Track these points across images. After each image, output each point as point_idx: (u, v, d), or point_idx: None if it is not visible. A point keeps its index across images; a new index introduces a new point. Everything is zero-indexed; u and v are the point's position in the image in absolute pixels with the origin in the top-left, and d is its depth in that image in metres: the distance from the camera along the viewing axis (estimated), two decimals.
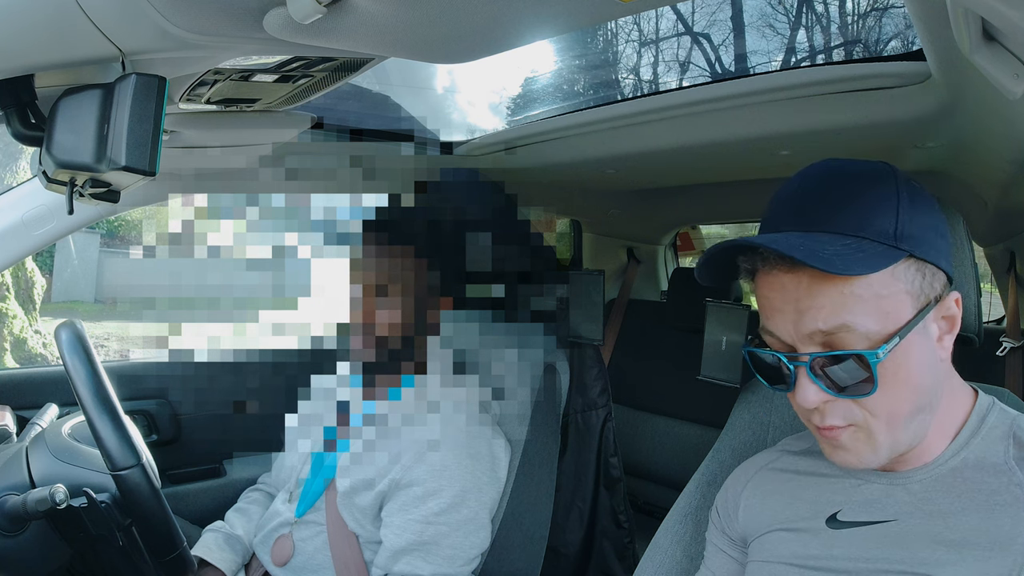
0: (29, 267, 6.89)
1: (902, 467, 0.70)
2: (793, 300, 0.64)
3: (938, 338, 0.66)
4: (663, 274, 2.69)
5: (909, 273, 0.64)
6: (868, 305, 0.62)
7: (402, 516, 1.15)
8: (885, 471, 0.71)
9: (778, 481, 0.80)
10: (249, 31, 0.65)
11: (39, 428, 1.14)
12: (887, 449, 0.66)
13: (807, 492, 0.76)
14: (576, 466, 1.42)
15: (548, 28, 0.71)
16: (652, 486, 2.14)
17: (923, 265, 0.64)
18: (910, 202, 0.65)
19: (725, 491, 0.88)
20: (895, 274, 0.63)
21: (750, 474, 0.85)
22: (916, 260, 0.64)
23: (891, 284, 0.63)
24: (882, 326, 0.62)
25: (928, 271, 0.64)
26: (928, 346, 0.65)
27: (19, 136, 0.74)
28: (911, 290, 0.64)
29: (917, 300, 0.64)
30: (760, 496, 0.81)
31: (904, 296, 0.63)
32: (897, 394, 0.64)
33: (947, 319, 0.66)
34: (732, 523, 0.85)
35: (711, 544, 0.89)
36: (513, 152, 1.49)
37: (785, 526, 0.76)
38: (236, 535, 1.30)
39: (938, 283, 0.65)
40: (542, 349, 1.43)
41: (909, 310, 0.63)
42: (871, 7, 1.62)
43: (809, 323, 0.64)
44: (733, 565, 0.85)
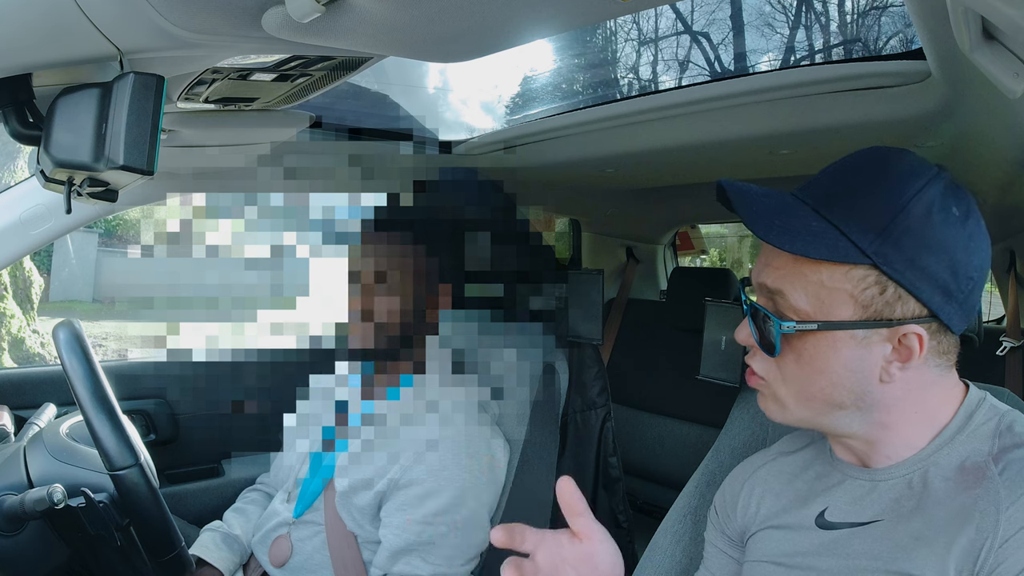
0: (27, 266, 6.88)
1: (882, 463, 0.70)
2: (766, 252, 0.70)
3: (886, 360, 0.65)
4: (662, 273, 2.69)
5: (864, 282, 0.64)
6: (809, 286, 0.66)
7: (401, 516, 1.15)
8: (866, 467, 0.71)
9: (772, 480, 0.82)
10: (247, 30, 0.65)
11: (37, 428, 1.14)
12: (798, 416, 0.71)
13: (797, 490, 0.78)
14: (575, 466, 1.42)
15: (547, 27, 0.71)
16: (651, 486, 2.14)
17: (887, 283, 0.64)
18: (922, 223, 0.63)
19: (723, 491, 0.88)
20: (849, 275, 0.64)
21: (747, 474, 0.85)
22: (880, 274, 0.63)
23: (840, 280, 0.64)
24: (812, 309, 0.66)
25: (892, 292, 0.64)
26: (863, 357, 0.65)
27: (17, 135, 0.73)
28: (858, 297, 0.64)
29: (861, 309, 0.64)
30: (756, 496, 0.82)
31: (847, 298, 0.64)
32: (806, 376, 0.68)
33: (898, 349, 0.65)
34: (730, 522, 0.85)
35: (710, 544, 0.89)
36: (512, 151, 1.49)
37: (775, 524, 0.77)
38: (234, 535, 1.29)
39: (901, 308, 0.64)
40: (541, 349, 1.43)
41: (846, 312, 0.65)
42: (870, 6, 1.62)
43: (762, 275, 0.70)
44: (732, 565, 0.85)
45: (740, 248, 12.91)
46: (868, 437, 0.69)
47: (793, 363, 0.68)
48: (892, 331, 0.64)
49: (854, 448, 0.72)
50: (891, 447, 0.69)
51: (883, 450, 0.69)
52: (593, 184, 1.94)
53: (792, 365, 0.68)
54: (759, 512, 0.80)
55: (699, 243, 2.98)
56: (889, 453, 0.69)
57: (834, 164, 0.71)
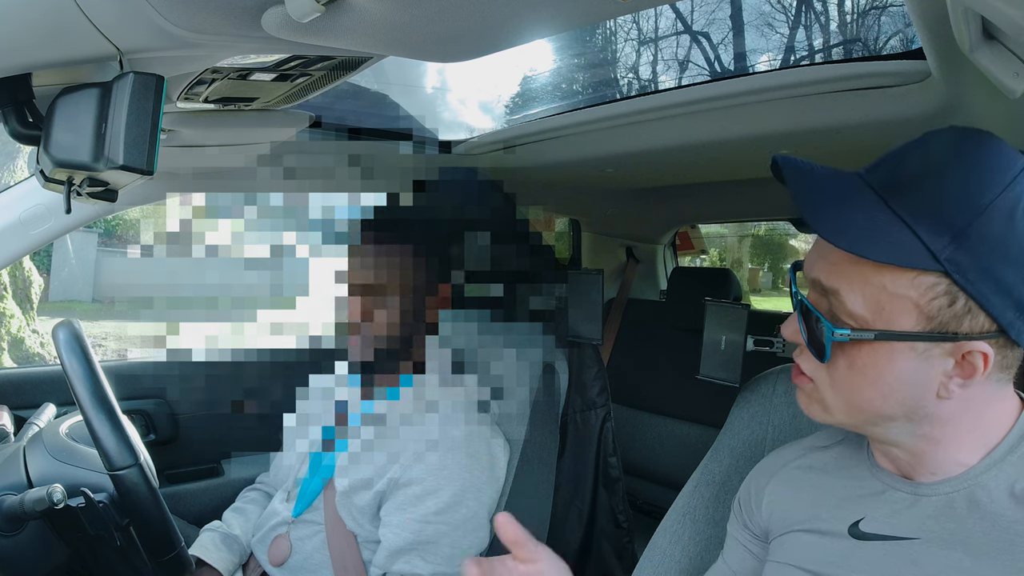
0: (26, 266, 6.87)
1: (927, 478, 0.64)
2: (822, 244, 0.63)
3: (946, 375, 0.59)
4: (662, 273, 2.69)
5: (932, 291, 0.57)
6: (869, 289, 0.59)
7: (400, 515, 1.15)
8: (909, 479, 0.66)
9: (804, 479, 0.76)
10: (247, 30, 0.65)
11: (37, 428, 1.14)
12: (841, 420, 0.65)
13: (832, 494, 0.72)
14: (575, 466, 1.42)
15: (547, 27, 0.71)
16: (651, 486, 2.14)
17: (958, 294, 0.56)
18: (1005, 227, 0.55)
19: (748, 484, 0.84)
20: (915, 282, 0.57)
21: (775, 468, 0.81)
22: (951, 283, 0.56)
23: (905, 287, 0.57)
24: (871, 316, 0.59)
25: (963, 305, 0.57)
26: (921, 370, 0.59)
27: (16, 135, 0.73)
28: (923, 307, 0.57)
29: (926, 320, 0.57)
30: (785, 493, 0.77)
31: (911, 307, 0.57)
32: (856, 385, 0.62)
33: (960, 365, 0.58)
34: (755, 517, 0.81)
35: (731, 538, 0.85)
36: (512, 151, 1.49)
37: (807, 527, 0.73)
38: (233, 535, 1.29)
39: (969, 323, 0.57)
40: (541, 349, 1.43)
41: (908, 323, 0.58)
42: (870, 5, 1.62)
43: (817, 270, 0.63)
44: (753, 562, 0.82)
45: (740, 248, 12.92)
46: (915, 449, 0.64)
47: (844, 369, 0.62)
48: (956, 346, 0.57)
49: (898, 458, 0.67)
50: (938, 463, 0.63)
51: (929, 465, 0.64)
52: (593, 184, 1.94)
53: (843, 372, 0.62)
54: (789, 513, 0.76)
55: (699, 243, 2.98)
56: (935, 469, 0.64)
57: (908, 144, 0.62)
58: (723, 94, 1.06)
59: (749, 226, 11.36)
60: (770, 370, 1.04)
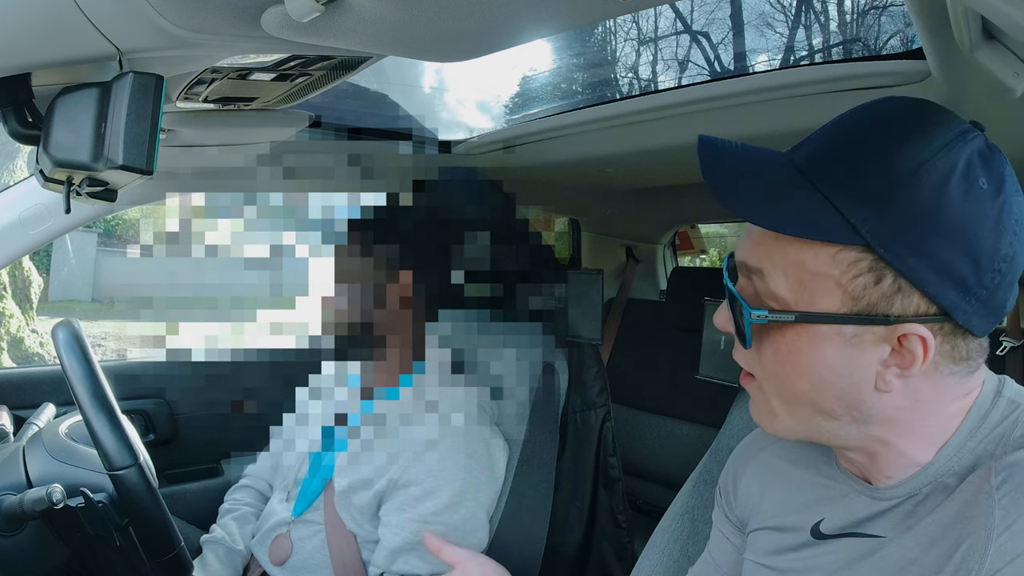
0: (26, 266, 6.87)
1: (883, 482, 0.60)
2: (749, 226, 0.59)
3: (882, 365, 0.53)
4: (662, 273, 2.69)
5: (855, 267, 0.52)
6: (791, 268, 0.54)
7: (399, 515, 1.15)
8: (867, 482, 0.62)
9: (776, 471, 0.73)
10: (247, 29, 0.65)
11: (36, 428, 1.14)
12: (788, 425, 0.60)
13: (799, 492, 0.69)
14: (575, 466, 1.42)
15: (547, 26, 0.71)
16: (651, 486, 2.14)
17: (885, 271, 0.51)
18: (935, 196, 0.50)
19: (726, 472, 0.81)
20: (837, 258, 0.52)
21: (751, 454, 0.78)
22: (876, 259, 0.51)
23: (826, 264, 0.53)
24: (792, 296, 0.54)
25: (891, 282, 0.52)
26: (852, 359, 0.54)
27: (16, 135, 0.73)
28: (846, 285, 0.52)
29: (851, 301, 0.53)
30: (758, 485, 0.75)
31: (833, 286, 0.53)
32: (785, 374, 0.57)
33: (898, 352, 0.53)
34: (733, 506, 0.79)
35: (715, 527, 0.82)
36: (512, 151, 1.49)
37: (773, 525, 0.71)
38: (237, 549, 1.28)
39: (901, 303, 0.52)
40: (540, 348, 1.43)
41: (832, 304, 0.53)
42: (870, 5, 1.62)
43: (743, 252, 0.59)
44: (733, 553, 0.79)
45: None
46: (867, 451, 0.60)
47: (772, 358, 0.58)
48: (889, 330, 0.52)
49: (855, 461, 0.63)
50: (892, 465, 0.59)
51: (884, 468, 0.59)
52: (593, 184, 1.94)
53: (771, 361, 0.58)
54: (761, 506, 0.74)
55: (699, 243, 2.98)
56: (890, 472, 0.59)
57: (838, 116, 0.57)
58: (723, 94, 1.06)
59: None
60: None
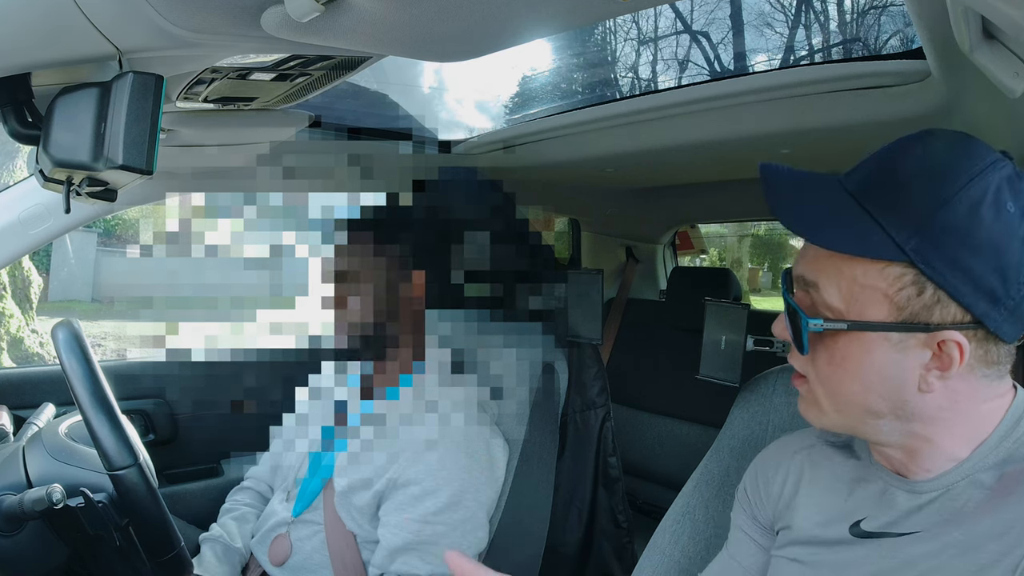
0: (26, 266, 6.87)
1: (922, 475, 0.65)
2: (805, 243, 0.66)
3: (924, 368, 0.60)
4: (662, 273, 2.69)
5: (900, 281, 0.59)
6: (843, 281, 0.62)
7: (399, 515, 1.15)
8: (905, 477, 0.67)
9: (810, 474, 0.77)
10: (246, 29, 0.65)
11: (36, 428, 1.13)
12: (835, 421, 0.67)
13: (835, 492, 0.73)
14: (575, 466, 1.42)
15: (547, 26, 0.71)
16: (651, 486, 2.14)
17: (926, 284, 0.58)
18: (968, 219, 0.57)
19: (755, 471, 0.83)
20: (884, 273, 0.60)
21: (785, 456, 0.81)
22: (917, 274, 0.58)
23: (874, 278, 0.60)
24: (844, 307, 0.62)
25: (931, 294, 0.59)
26: (898, 363, 0.60)
27: (16, 135, 0.73)
28: (893, 297, 0.60)
29: (896, 311, 0.60)
30: (792, 485, 0.78)
31: (881, 297, 0.60)
32: (838, 379, 0.64)
33: (937, 357, 0.59)
34: (763, 506, 0.81)
35: (737, 528, 0.85)
36: (512, 151, 1.49)
37: (809, 522, 0.74)
38: (235, 547, 1.29)
39: (940, 313, 0.59)
40: (540, 348, 1.43)
41: (880, 313, 0.60)
42: (870, 5, 1.62)
43: (800, 267, 0.66)
44: (760, 554, 0.81)
45: (740, 248, 12.92)
46: (907, 447, 0.65)
47: (825, 364, 0.65)
48: (930, 336, 0.59)
49: (892, 457, 0.68)
50: (931, 460, 0.64)
51: (923, 463, 0.65)
52: (593, 184, 1.94)
53: (825, 366, 0.65)
54: (793, 507, 0.76)
55: (699, 243, 2.97)
56: (929, 466, 0.65)
57: (885, 147, 0.65)
58: (723, 94, 1.06)
59: (749, 226, 11.35)
60: (770, 370, 1.04)
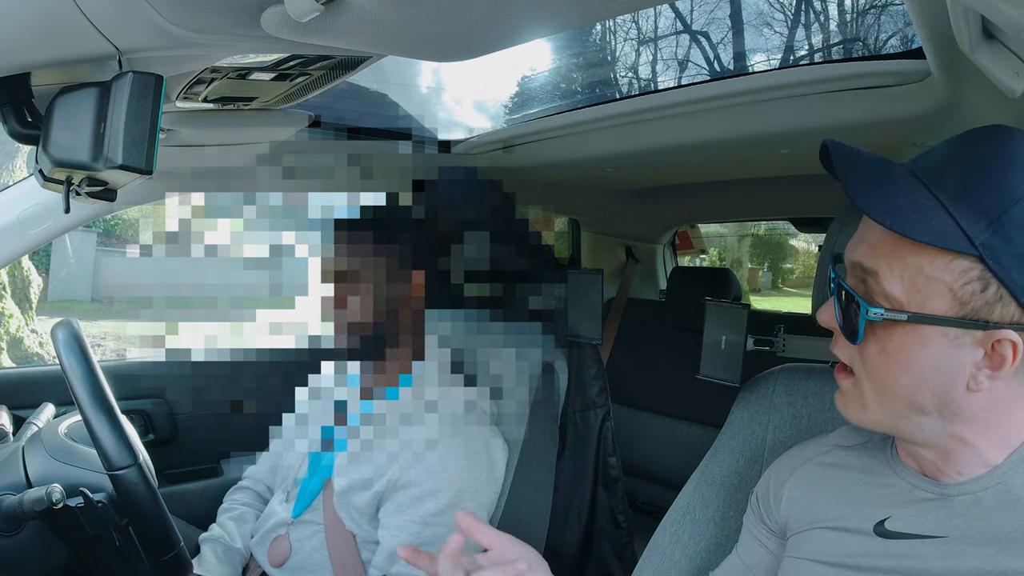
0: (25, 266, 6.87)
1: (953, 478, 0.65)
2: (863, 227, 0.65)
3: (975, 366, 0.59)
4: (662, 273, 2.69)
5: (967, 275, 0.57)
6: (907, 271, 0.60)
7: (399, 517, 1.15)
8: (934, 479, 0.66)
9: (826, 476, 0.76)
10: (246, 29, 0.65)
11: (35, 428, 1.14)
12: (877, 418, 0.65)
13: (856, 492, 0.72)
14: (574, 466, 1.42)
15: (547, 26, 0.71)
16: (651, 486, 2.14)
17: (991, 280, 0.57)
18: None
19: (768, 478, 0.84)
20: (951, 265, 0.57)
21: (796, 464, 0.81)
22: (984, 269, 0.57)
23: (941, 270, 0.58)
24: (906, 298, 0.60)
25: (995, 291, 0.57)
26: (952, 358, 0.59)
27: (15, 134, 0.73)
28: (957, 291, 0.58)
29: (959, 306, 0.58)
30: (805, 490, 0.77)
31: (945, 290, 0.58)
32: (888, 370, 0.62)
33: (989, 356, 0.59)
34: (773, 512, 0.81)
35: (747, 532, 0.85)
36: (511, 151, 1.49)
37: (830, 525, 0.73)
38: (235, 547, 1.29)
39: (1000, 311, 0.57)
40: (540, 348, 1.43)
41: (942, 306, 0.58)
42: (870, 5, 1.62)
43: (858, 253, 0.64)
44: (768, 557, 0.82)
45: (740, 248, 12.93)
46: (944, 448, 0.64)
47: (877, 355, 0.63)
48: (987, 335, 0.58)
49: (924, 458, 0.67)
50: (964, 462, 0.64)
51: (957, 465, 0.64)
52: (593, 184, 1.94)
53: (875, 357, 0.63)
54: (810, 509, 0.76)
55: (699, 243, 2.98)
56: (962, 469, 0.64)
57: (952, 138, 0.64)
58: (722, 94, 1.06)
59: (749, 226, 11.37)
60: (770, 370, 1.04)
